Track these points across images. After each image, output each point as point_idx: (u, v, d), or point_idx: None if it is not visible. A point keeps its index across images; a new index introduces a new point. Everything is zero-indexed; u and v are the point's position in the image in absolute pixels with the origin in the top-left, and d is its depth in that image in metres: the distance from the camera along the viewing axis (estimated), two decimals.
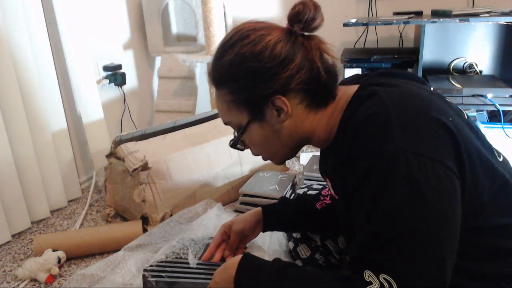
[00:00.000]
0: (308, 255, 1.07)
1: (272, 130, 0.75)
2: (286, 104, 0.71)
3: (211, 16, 1.93)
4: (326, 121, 0.74)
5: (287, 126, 0.74)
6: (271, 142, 0.77)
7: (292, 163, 2.11)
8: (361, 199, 0.63)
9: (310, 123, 0.74)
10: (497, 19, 1.77)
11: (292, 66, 0.69)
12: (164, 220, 1.49)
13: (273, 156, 0.81)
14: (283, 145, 0.77)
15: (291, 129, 0.74)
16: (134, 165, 1.47)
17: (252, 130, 0.76)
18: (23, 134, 1.57)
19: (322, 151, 0.85)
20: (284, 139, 0.75)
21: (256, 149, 0.81)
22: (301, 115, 0.73)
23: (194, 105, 2.29)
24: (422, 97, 0.66)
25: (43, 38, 1.65)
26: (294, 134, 0.75)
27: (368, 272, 0.59)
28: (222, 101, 0.77)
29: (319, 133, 0.75)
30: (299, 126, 0.74)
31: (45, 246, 1.37)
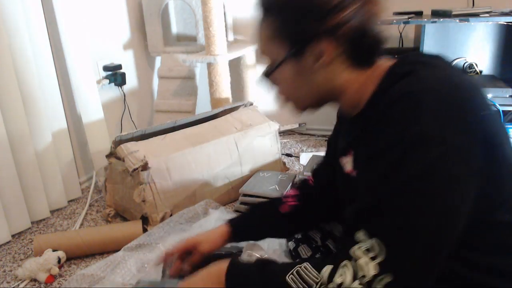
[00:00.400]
0: (309, 255, 1.07)
1: (305, 74, 0.71)
2: (330, 51, 0.68)
3: (211, 16, 1.93)
4: (359, 84, 0.71)
5: (321, 74, 0.71)
6: (300, 85, 0.73)
7: (292, 163, 2.11)
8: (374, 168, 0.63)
9: (344, 79, 0.71)
10: (497, 19, 1.77)
11: (348, 11, 0.65)
12: (164, 220, 1.49)
13: (297, 101, 0.77)
14: (311, 93, 0.74)
15: (323, 79, 0.71)
16: (134, 165, 1.47)
17: (287, 67, 0.72)
18: (23, 134, 1.57)
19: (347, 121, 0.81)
20: (314, 87, 0.73)
21: (283, 89, 0.76)
22: (337, 67, 0.70)
23: (194, 105, 2.29)
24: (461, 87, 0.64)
25: (43, 38, 1.65)
26: (325, 85, 0.72)
27: (361, 232, 0.61)
28: (265, 29, 0.73)
29: (349, 95, 0.72)
30: (332, 78, 0.71)
31: (45, 246, 1.37)
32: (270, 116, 2.01)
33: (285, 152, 2.24)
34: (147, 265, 1.24)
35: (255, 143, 1.79)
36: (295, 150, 2.30)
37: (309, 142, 2.41)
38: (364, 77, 0.71)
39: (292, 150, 2.30)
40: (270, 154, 1.87)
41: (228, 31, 2.39)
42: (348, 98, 0.73)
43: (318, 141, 2.40)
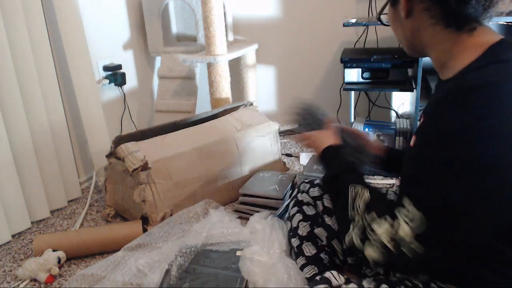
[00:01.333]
0: (313, 253, 1.07)
1: (399, 21, 0.81)
2: (404, 5, 0.76)
3: (211, 16, 1.93)
4: (450, 45, 0.73)
5: (409, 25, 0.78)
6: (397, 29, 0.84)
7: (292, 163, 2.11)
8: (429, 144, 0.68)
9: (431, 35, 0.76)
10: (497, 19, 1.77)
11: None
12: (164, 220, 1.49)
13: (400, 42, 0.86)
14: (405, 39, 0.82)
15: (411, 29, 0.78)
16: (134, 165, 1.47)
17: (389, 12, 0.84)
18: (23, 134, 1.57)
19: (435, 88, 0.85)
20: (406, 34, 0.81)
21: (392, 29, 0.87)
22: (424, 22, 0.75)
23: (194, 105, 2.29)
24: None
25: (43, 38, 1.65)
26: (414, 36, 0.79)
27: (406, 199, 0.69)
28: None
29: (437, 52, 0.76)
30: (418, 31, 0.77)
31: (45, 246, 1.37)
32: (270, 116, 2.01)
33: (285, 152, 2.24)
34: None
35: (255, 143, 1.80)
36: (295, 150, 2.30)
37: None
38: (458, 42, 0.73)
39: (292, 150, 2.30)
40: (270, 154, 1.87)
41: (228, 31, 2.39)
42: (436, 55, 0.77)
43: None
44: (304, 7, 2.33)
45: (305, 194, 1.16)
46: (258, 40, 2.45)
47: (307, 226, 1.09)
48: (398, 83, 2.01)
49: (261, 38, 2.46)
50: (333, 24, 2.27)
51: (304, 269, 1.07)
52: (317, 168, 1.70)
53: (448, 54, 0.73)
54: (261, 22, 2.44)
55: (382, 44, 2.28)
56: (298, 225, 1.11)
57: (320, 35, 2.33)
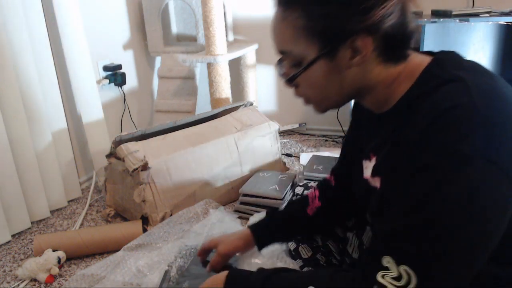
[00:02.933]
0: (310, 255, 1.07)
1: (336, 73, 0.65)
2: (367, 48, 0.62)
3: (211, 16, 1.93)
4: (390, 80, 0.67)
5: (354, 72, 0.65)
6: (329, 85, 0.67)
7: (292, 163, 2.11)
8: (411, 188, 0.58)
9: (376, 75, 0.66)
10: (497, 19, 1.77)
11: (389, 5, 0.60)
12: (164, 220, 1.49)
13: (322, 101, 0.71)
14: (340, 92, 0.68)
15: (355, 77, 0.66)
16: (134, 165, 1.47)
17: (316, 67, 0.65)
18: (23, 134, 1.57)
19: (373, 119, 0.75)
20: (344, 86, 0.67)
21: (307, 90, 0.70)
22: (370, 64, 0.65)
23: (194, 105, 2.29)
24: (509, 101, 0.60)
25: (43, 38, 1.65)
26: (356, 82, 0.67)
27: (388, 258, 0.57)
28: (288, 26, 0.65)
29: (379, 91, 0.68)
30: (364, 76, 0.66)
31: (45, 246, 1.37)
32: (270, 116, 2.01)
33: (285, 152, 2.24)
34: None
35: (255, 143, 1.79)
36: (295, 150, 2.30)
37: (309, 142, 2.41)
38: (397, 72, 0.67)
39: (292, 150, 2.30)
40: (270, 154, 1.87)
41: (228, 31, 2.39)
42: (376, 94, 0.69)
43: (318, 141, 2.40)
44: None
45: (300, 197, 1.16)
46: (258, 40, 2.45)
47: None
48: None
49: (261, 38, 2.46)
50: None
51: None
52: (317, 168, 1.71)
53: (390, 88, 0.67)
54: (261, 22, 2.44)
55: None
56: None
57: None
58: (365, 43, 0.62)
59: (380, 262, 0.57)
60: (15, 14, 1.50)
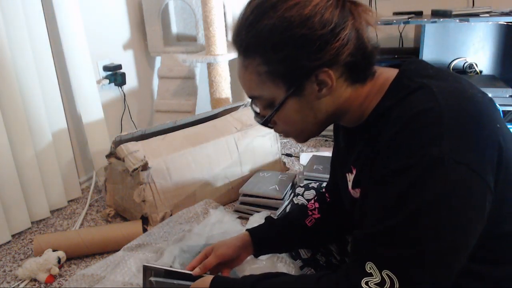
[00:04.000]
0: (309, 255, 1.07)
1: (309, 106, 0.68)
2: (332, 79, 0.64)
3: (211, 16, 1.93)
4: (362, 99, 0.69)
5: (325, 101, 0.68)
6: (304, 118, 0.70)
7: (292, 163, 2.11)
8: (385, 192, 0.59)
9: (347, 99, 0.68)
10: (497, 19, 1.77)
11: (343, 35, 0.62)
12: (164, 220, 1.49)
13: (301, 133, 0.73)
14: (316, 122, 0.71)
15: (328, 105, 0.68)
16: (134, 165, 1.47)
17: (287, 106, 0.68)
18: (23, 134, 1.57)
19: (348, 133, 0.78)
20: (319, 115, 0.69)
21: (284, 126, 0.73)
22: (340, 90, 0.67)
23: (194, 105, 2.29)
24: (475, 100, 0.61)
25: (43, 38, 1.65)
26: (330, 110, 0.69)
27: (370, 264, 0.57)
28: (252, 73, 0.67)
29: (353, 111, 0.70)
30: (336, 102, 0.68)
31: (45, 246, 1.37)
32: None
33: (285, 152, 2.24)
34: None
35: (255, 143, 1.80)
36: (295, 150, 2.30)
37: (309, 142, 2.41)
38: (367, 90, 0.69)
39: (292, 150, 2.30)
40: (270, 154, 1.87)
41: (228, 31, 2.39)
42: (352, 114, 0.71)
43: (318, 141, 2.40)
44: None
45: (301, 197, 1.16)
46: None
47: None
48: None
49: None
50: None
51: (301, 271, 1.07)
52: (317, 168, 1.70)
53: (363, 105, 0.69)
54: None
55: (382, 44, 2.28)
56: None
57: None
58: (328, 75, 0.64)
59: (363, 268, 0.58)
60: (15, 14, 1.50)
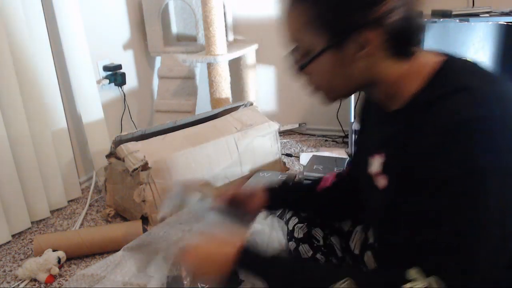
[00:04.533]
0: (310, 255, 1.07)
1: (344, 64, 0.67)
2: (373, 41, 0.64)
3: (211, 16, 1.93)
4: (397, 76, 0.68)
5: (361, 64, 0.67)
6: (337, 76, 0.69)
7: (292, 163, 2.11)
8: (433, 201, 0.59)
9: (382, 70, 0.67)
10: (497, 19, 1.77)
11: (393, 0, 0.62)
12: (164, 220, 1.49)
13: (330, 91, 0.72)
14: (348, 83, 0.70)
15: (362, 70, 0.67)
16: (134, 165, 1.47)
17: (324, 57, 0.67)
18: (23, 134, 1.57)
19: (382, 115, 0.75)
20: (352, 77, 0.69)
21: (316, 79, 0.72)
22: (378, 57, 0.66)
23: (194, 105, 2.29)
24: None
25: (43, 38, 1.65)
26: (364, 75, 0.68)
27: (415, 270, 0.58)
28: (297, 18, 0.68)
29: (387, 86, 0.69)
30: (371, 68, 0.67)
31: (45, 246, 1.37)
32: (270, 116, 2.01)
33: (285, 152, 2.24)
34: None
35: (255, 143, 1.79)
36: (295, 150, 2.30)
37: (309, 142, 2.41)
38: (405, 69, 0.67)
39: (292, 150, 2.30)
40: (270, 154, 1.87)
41: (228, 31, 2.39)
42: (384, 88, 0.70)
43: (318, 141, 2.40)
44: None
45: None
46: (258, 40, 2.45)
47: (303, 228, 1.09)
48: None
49: (261, 38, 2.46)
50: None
51: None
52: (317, 168, 1.71)
53: (397, 85, 0.68)
54: (261, 22, 2.44)
55: None
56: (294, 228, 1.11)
57: None
58: (371, 37, 0.63)
59: (406, 273, 0.58)
60: (15, 14, 1.50)
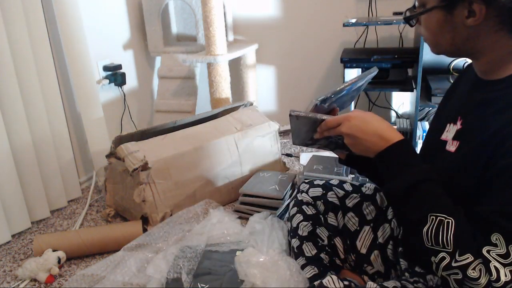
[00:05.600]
0: (313, 253, 1.07)
1: (452, 26, 0.72)
2: (481, 14, 0.68)
3: (211, 16, 1.93)
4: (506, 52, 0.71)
5: (468, 32, 0.71)
6: (443, 33, 0.74)
7: (292, 163, 2.11)
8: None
9: (489, 42, 0.71)
10: None
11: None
12: (164, 220, 1.49)
13: (436, 45, 0.78)
14: (452, 43, 0.74)
15: (470, 36, 0.72)
16: (134, 165, 1.47)
17: (434, 15, 0.73)
18: (23, 134, 1.57)
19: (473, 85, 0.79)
20: (457, 39, 0.73)
21: (425, 30, 0.78)
22: (486, 29, 0.70)
23: (194, 105, 2.29)
24: None
25: (43, 38, 1.65)
26: (469, 42, 0.72)
27: (497, 236, 0.62)
28: None
29: (490, 58, 0.72)
30: (479, 37, 0.71)
31: (45, 246, 1.37)
32: (270, 116, 2.01)
33: (285, 152, 2.24)
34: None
35: (255, 143, 1.79)
36: (295, 150, 2.30)
37: None
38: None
39: (292, 150, 2.30)
40: (270, 154, 1.87)
41: (228, 31, 2.39)
42: (487, 60, 0.73)
43: None
44: (304, 7, 2.33)
45: (305, 194, 1.16)
46: (258, 40, 2.45)
47: (308, 226, 1.09)
48: (398, 83, 2.01)
49: (261, 38, 2.46)
50: (333, 24, 2.27)
51: (304, 269, 1.07)
52: (317, 168, 1.71)
53: (504, 58, 0.71)
54: (261, 22, 2.44)
55: (382, 44, 2.28)
56: (298, 225, 1.11)
57: (320, 35, 2.33)
58: (479, 9, 0.67)
59: (489, 237, 0.62)
60: (15, 14, 1.50)
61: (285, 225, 1.34)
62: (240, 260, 1.17)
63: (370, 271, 1.04)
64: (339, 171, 1.68)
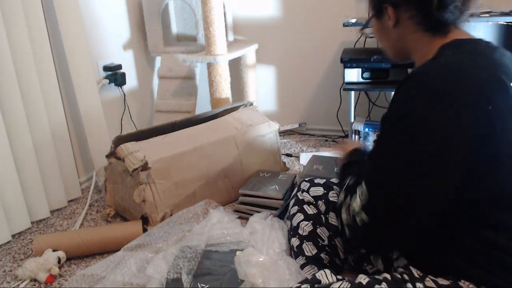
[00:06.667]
0: (314, 253, 1.07)
1: (385, 31, 0.87)
2: (393, 16, 0.82)
3: (211, 16, 1.93)
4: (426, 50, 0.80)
5: (395, 33, 0.85)
6: (383, 41, 0.91)
7: (292, 163, 2.11)
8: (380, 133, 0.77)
9: (413, 41, 0.83)
10: (497, 19, 1.77)
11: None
12: (164, 220, 1.49)
13: (386, 51, 0.93)
14: (393, 47, 0.89)
15: (398, 37, 0.85)
16: (134, 165, 1.47)
17: (373, 24, 0.90)
18: (23, 134, 1.57)
19: None
20: (391, 42, 0.88)
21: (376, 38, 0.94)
22: (408, 29, 0.82)
23: (194, 105, 2.29)
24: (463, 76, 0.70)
25: (43, 38, 1.65)
26: (400, 43, 0.86)
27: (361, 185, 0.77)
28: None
29: (418, 55, 0.83)
30: (404, 38, 0.84)
31: (45, 246, 1.37)
32: (270, 116, 2.01)
33: (285, 152, 2.24)
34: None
35: (255, 143, 1.80)
36: (295, 150, 2.30)
37: (309, 142, 2.41)
38: (433, 45, 0.80)
39: (292, 150, 2.30)
40: (270, 154, 1.87)
41: (228, 31, 2.39)
42: (417, 58, 0.84)
43: (318, 141, 2.40)
44: (304, 7, 2.33)
45: (306, 193, 1.16)
46: (258, 40, 2.45)
47: (309, 225, 1.09)
48: (398, 83, 2.01)
49: (261, 38, 2.46)
50: (333, 24, 2.27)
51: (303, 268, 1.07)
52: (317, 168, 1.70)
53: (426, 55, 0.80)
54: (261, 22, 2.44)
55: None
56: (299, 224, 1.11)
57: (320, 35, 2.33)
58: (391, 11, 0.82)
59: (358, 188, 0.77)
60: (15, 14, 1.50)
61: (285, 225, 1.34)
62: (240, 260, 1.17)
63: (370, 270, 1.04)
64: (339, 171, 1.68)
